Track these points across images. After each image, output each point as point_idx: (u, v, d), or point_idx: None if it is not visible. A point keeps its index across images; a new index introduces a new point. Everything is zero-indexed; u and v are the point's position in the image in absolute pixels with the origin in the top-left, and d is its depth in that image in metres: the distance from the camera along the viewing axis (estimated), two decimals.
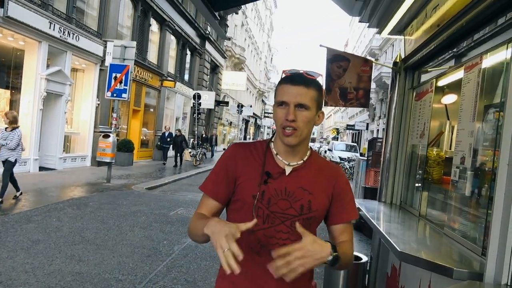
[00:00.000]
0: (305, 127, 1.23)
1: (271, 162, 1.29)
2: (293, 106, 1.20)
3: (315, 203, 1.26)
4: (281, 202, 1.24)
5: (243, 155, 1.32)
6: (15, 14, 8.41)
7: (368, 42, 34.47)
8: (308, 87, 1.22)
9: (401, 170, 3.17)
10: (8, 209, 6.09)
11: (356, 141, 36.13)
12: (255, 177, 1.26)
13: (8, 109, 9.78)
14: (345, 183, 1.36)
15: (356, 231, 6.79)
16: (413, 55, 2.91)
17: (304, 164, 1.31)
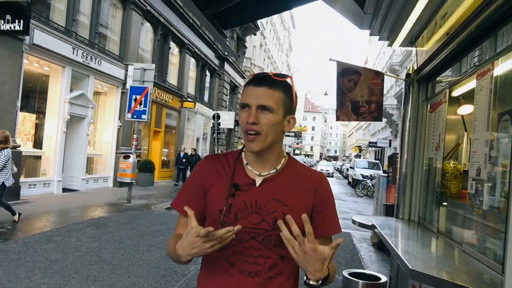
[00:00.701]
0: (269, 132, 1.12)
1: (240, 173, 1.20)
2: (255, 108, 1.11)
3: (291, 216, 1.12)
4: (251, 216, 1.14)
5: (213, 167, 1.24)
6: (40, 41, 8.79)
7: (388, 58, 34.22)
8: (273, 88, 1.12)
9: (418, 185, 3.05)
10: (31, 230, 6.21)
11: (379, 159, 35.46)
12: (223, 190, 1.17)
13: (34, 133, 10.13)
14: (327, 192, 1.23)
15: (378, 250, 6.57)
16: (425, 66, 2.83)
17: (278, 173, 1.20)
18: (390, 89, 31.32)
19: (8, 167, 6.04)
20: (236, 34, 24.61)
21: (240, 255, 1.14)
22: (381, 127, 37.80)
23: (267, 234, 1.14)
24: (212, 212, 1.18)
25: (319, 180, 1.23)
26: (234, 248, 1.14)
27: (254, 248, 1.14)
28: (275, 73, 1.17)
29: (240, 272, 1.14)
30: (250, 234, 1.14)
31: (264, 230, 1.14)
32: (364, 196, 17.13)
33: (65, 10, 10.10)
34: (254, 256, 1.14)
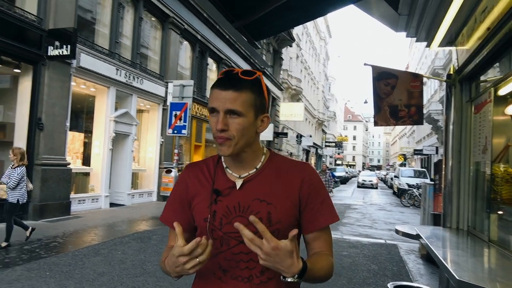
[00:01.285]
0: (240, 136, 1.08)
1: (221, 178, 1.16)
2: (222, 113, 1.06)
3: (276, 214, 1.09)
4: (236, 220, 1.08)
5: (194, 175, 1.20)
6: (86, 64, 9.31)
7: (431, 62, 33.03)
8: (239, 91, 1.06)
9: (466, 192, 2.87)
10: (80, 243, 6.48)
11: (425, 167, 34.01)
12: (206, 198, 1.14)
13: (82, 151, 10.67)
14: (314, 182, 1.15)
15: (427, 262, 6.24)
16: (467, 65, 2.69)
17: (258, 172, 1.15)
18: (434, 94, 30.14)
19: (23, 184, 6.00)
20: (272, 47, 24.82)
21: (231, 261, 1.12)
22: (426, 133, 36.34)
23: None
24: (198, 221, 1.16)
25: (303, 171, 1.16)
26: (225, 255, 1.12)
27: (243, 252, 1.10)
28: (242, 70, 1.10)
29: (234, 279, 1.11)
30: (236, 239, 1.09)
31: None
32: (410, 206, 16.43)
33: (109, 33, 10.66)
34: (244, 260, 1.11)
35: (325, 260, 1.12)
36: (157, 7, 12.31)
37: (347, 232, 9.17)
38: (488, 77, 2.74)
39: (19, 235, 6.30)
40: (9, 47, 7.55)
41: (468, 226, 2.84)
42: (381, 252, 7.01)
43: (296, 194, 1.13)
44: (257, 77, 1.11)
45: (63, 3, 8.64)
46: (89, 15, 10.36)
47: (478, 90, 2.87)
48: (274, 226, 1.09)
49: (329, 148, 52.48)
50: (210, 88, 1.12)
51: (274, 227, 1.08)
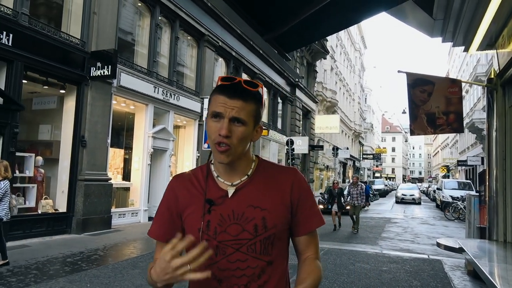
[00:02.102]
0: (239, 144, 1.10)
1: (212, 187, 1.17)
2: (228, 120, 1.08)
3: (271, 219, 1.11)
4: (231, 228, 1.11)
5: (183, 187, 1.20)
6: (126, 83, 9.71)
7: (472, 69, 31.74)
8: (246, 101, 1.10)
9: None
10: (119, 256, 6.66)
11: (470, 178, 32.39)
12: (198, 208, 1.14)
13: (123, 166, 11.05)
14: (303, 186, 1.19)
15: (474, 278, 5.86)
16: (509, 67, 2.54)
17: (250, 179, 1.16)
18: (478, 102, 28.85)
19: (6, 199, 5.46)
20: (306, 60, 24.82)
21: (226, 271, 1.11)
22: (470, 143, 34.71)
23: (250, 243, 1.10)
24: (191, 232, 1.14)
25: (292, 175, 1.19)
26: (219, 265, 1.11)
27: (240, 260, 1.10)
28: (245, 80, 1.13)
29: (230, 287, 1.11)
30: (233, 246, 1.11)
31: (246, 240, 1.11)
32: (455, 219, 15.63)
33: (147, 53, 11.10)
34: (241, 268, 1.11)
35: (316, 266, 1.16)
36: (192, 26, 12.70)
37: (386, 246, 8.83)
38: None
39: (63, 248, 6.55)
40: (56, 69, 8.03)
41: None
42: (424, 267, 6.68)
43: (288, 198, 1.16)
44: (260, 89, 1.15)
45: (105, 26, 9.11)
46: (128, 36, 10.86)
47: None
48: (270, 231, 1.11)
49: (367, 160, 51.31)
50: (213, 93, 1.14)
51: (269, 232, 1.11)
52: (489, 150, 2.95)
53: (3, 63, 7.15)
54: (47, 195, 8.52)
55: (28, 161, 8.02)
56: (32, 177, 8.14)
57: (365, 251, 8.03)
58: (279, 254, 1.15)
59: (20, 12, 7.28)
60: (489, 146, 2.97)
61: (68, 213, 8.41)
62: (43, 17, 8.52)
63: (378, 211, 19.54)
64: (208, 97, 6.35)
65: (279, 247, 1.14)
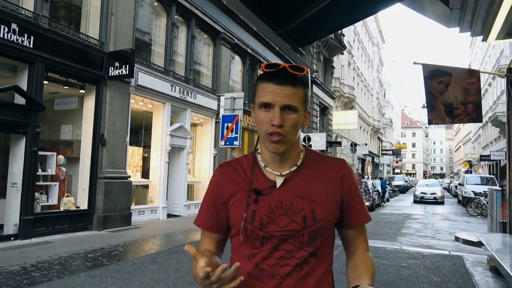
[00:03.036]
0: (292, 132, 1.07)
1: (259, 177, 1.14)
2: (279, 108, 1.04)
3: (320, 211, 1.09)
4: (279, 219, 1.09)
5: (228, 175, 1.19)
6: (143, 82, 9.85)
7: (495, 61, 30.86)
8: (295, 87, 1.06)
9: None
10: (139, 252, 6.78)
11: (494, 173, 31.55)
12: (243, 197, 1.13)
13: (141, 164, 11.21)
14: (352, 179, 1.17)
15: (497, 275, 5.72)
16: None
17: (299, 170, 1.14)
18: (501, 95, 28.03)
19: None
20: (323, 55, 24.61)
21: (270, 259, 1.09)
22: (493, 138, 33.80)
23: (298, 234, 1.09)
24: (235, 221, 1.14)
25: (343, 168, 1.17)
26: (263, 254, 1.10)
27: (285, 250, 1.09)
28: (290, 65, 1.09)
29: (272, 277, 1.09)
30: (280, 237, 1.09)
31: (295, 231, 1.09)
32: (478, 215, 15.26)
33: (164, 52, 11.22)
34: (285, 258, 1.09)
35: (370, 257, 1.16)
36: (208, 24, 12.76)
37: (406, 242, 8.70)
38: None
39: (84, 245, 6.70)
40: (75, 70, 8.21)
41: None
42: (445, 263, 6.56)
43: (338, 191, 1.13)
44: (306, 73, 1.11)
45: (122, 27, 9.26)
46: (145, 36, 11.00)
47: None
48: (319, 223, 1.09)
49: (386, 156, 50.56)
50: (259, 82, 1.10)
51: (319, 225, 1.09)
52: (510, 142, 2.88)
53: (24, 64, 7.35)
54: (69, 193, 8.74)
55: (50, 160, 8.24)
56: (54, 175, 8.36)
57: (384, 247, 7.93)
58: (324, 247, 1.13)
59: (41, 15, 7.47)
60: (509, 138, 2.89)
61: (89, 210, 8.61)
62: (62, 19, 8.72)
63: (398, 207, 19.25)
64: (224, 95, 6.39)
65: (325, 240, 1.13)
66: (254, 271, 1.11)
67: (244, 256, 1.12)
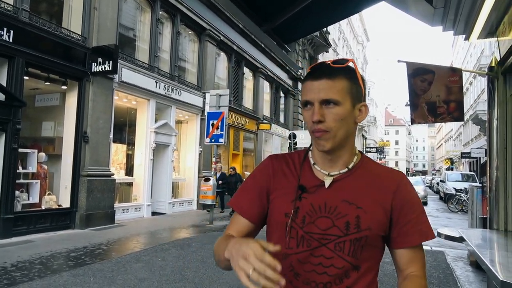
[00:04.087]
0: (339, 127, 1.01)
1: (307, 174, 1.09)
2: (318, 104, 1.00)
3: (365, 219, 1.01)
4: (320, 221, 1.02)
5: (278, 167, 1.13)
6: (127, 79, 9.71)
7: (476, 61, 31.51)
8: (333, 79, 1.01)
9: None
10: (123, 250, 6.70)
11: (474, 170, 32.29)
12: (289, 192, 1.07)
13: (125, 161, 11.07)
14: (410, 193, 1.07)
15: (477, 269, 5.87)
16: (510, 55, 2.52)
17: (350, 173, 1.07)
18: (482, 94, 28.67)
19: None
20: (308, 53, 24.70)
21: (307, 264, 1.02)
22: (474, 135, 34.57)
23: (339, 241, 1.01)
24: (276, 216, 1.08)
25: (399, 179, 1.08)
26: (299, 256, 1.03)
27: (324, 256, 1.01)
28: (334, 60, 1.05)
29: (307, 284, 1.02)
30: (319, 241, 1.02)
31: (335, 236, 1.01)
32: (458, 211, 15.61)
33: (148, 48, 11.08)
34: (324, 265, 1.01)
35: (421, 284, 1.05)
36: (193, 21, 12.65)
37: None
38: None
39: (67, 243, 6.59)
40: (57, 65, 8.03)
41: None
42: (427, 259, 6.62)
43: (389, 203, 1.05)
44: (351, 64, 1.06)
45: (105, 22, 9.09)
46: (129, 32, 10.84)
47: None
48: (363, 232, 1.01)
49: (370, 153, 51.17)
50: (303, 82, 1.08)
51: (362, 234, 1.01)
52: (490, 139, 2.94)
53: (4, 59, 7.16)
54: (51, 191, 8.58)
55: (31, 157, 8.06)
56: (35, 173, 8.18)
57: None
58: (368, 262, 1.05)
59: (21, 9, 7.28)
60: (490, 136, 2.95)
61: (71, 209, 8.46)
62: (43, 13, 8.52)
63: None
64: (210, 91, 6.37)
65: (370, 253, 1.04)
66: (288, 274, 1.03)
67: (279, 255, 0.99)
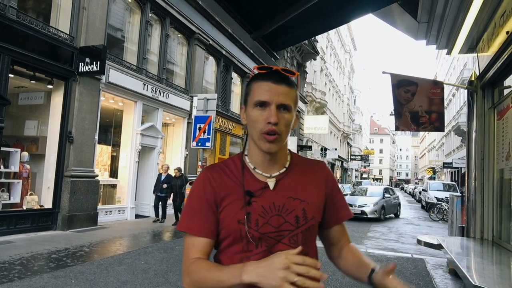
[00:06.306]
0: (286, 132, 1.10)
1: (250, 179, 1.14)
2: (275, 107, 1.06)
3: (310, 210, 1.13)
4: (273, 220, 1.09)
5: (218, 177, 1.16)
6: (115, 80, 9.65)
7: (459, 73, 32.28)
8: (290, 87, 1.09)
9: (490, 200, 2.78)
10: (105, 253, 6.63)
11: (456, 180, 32.94)
12: (236, 199, 1.11)
13: (110, 163, 10.96)
14: (334, 179, 1.25)
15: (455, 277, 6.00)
16: (488, 70, 2.64)
17: (287, 171, 1.17)
18: (464, 105, 29.33)
19: None
20: (296, 60, 24.93)
21: None
22: (456, 146, 35.30)
23: (292, 234, 1.10)
24: (228, 224, 1.10)
25: (324, 169, 1.24)
26: (258, 256, 1.08)
27: (281, 251, 1.06)
28: (282, 68, 1.12)
29: None
30: (275, 238, 1.09)
31: (288, 231, 1.10)
32: (439, 220, 15.89)
33: (136, 50, 11.04)
34: None
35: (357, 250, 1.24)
36: (183, 24, 12.67)
37: (371, 245, 8.96)
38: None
39: (48, 245, 6.49)
40: (43, 64, 7.94)
41: (493, 236, 2.74)
42: (407, 266, 6.81)
43: (323, 190, 1.19)
44: (297, 76, 1.15)
45: (94, 22, 9.04)
46: (118, 33, 10.78)
47: (501, 96, 2.80)
48: (309, 222, 1.12)
49: (355, 161, 51.72)
50: (253, 81, 1.11)
51: (309, 223, 1.12)
52: (469, 150, 3.05)
53: None
54: (33, 191, 8.44)
55: (14, 156, 7.93)
56: (18, 172, 8.04)
57: None
58: (313, 246, 1.17)
59: (8, 5, 7.19)
60: (469, 147, 3.06)
61: (53, 210, 8.34)
62: (31, 11, 8.42)
63: None
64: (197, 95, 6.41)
65: (313, 239, 1.18)
66: None
67: (236, 259, 1.09)
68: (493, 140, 2.81)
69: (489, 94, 2.89)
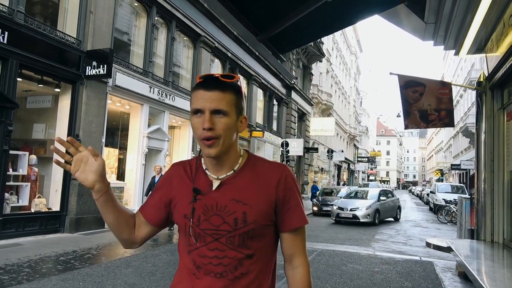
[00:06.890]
0: (226, 135, 1.13)
1: (201, 178, 1.22)
2: (209, 113, 1.10)
3: (251, 214, 1.14)
4: (213, 218, 1.15)
5: (178, 174, 1.26)
6: (121, 83, 9.70)
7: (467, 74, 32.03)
8: (224, 91, 1.12)
9: (500, 202, 2.74)
10: (113, 255, 6.66)
11: (464, 182, 32.64)
12: (187, 195, 1.20)
13: (117, 166, 11.02)
14: (290, 184, 1.21)
15: (465, 280, 5.93)
16: (498, 71, 2.60)
17: (236, 174, 1.20)
18: (472, 107, 29.07)
19: None
20: (302, 62, 24.92)
21: (205, 258, 1.15)
22: (464, 148, 35.00)
23: (229, 235, 1.14)
24: (177, 218, 1.22)
25: (280, 172, 1.21)
26: (199, 251, 1.16)
27: (218, 249, 1.15)
28: (222, 74, 1.16)
29: (207, 274, 1.15)
30: (213, 236, 1.15)
31: (226, 232, 1.14)
32: (448, 222, 15.74)
33: (143, 53, 11.10)
34: (219, 257, 1.15)
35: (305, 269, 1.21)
36: (189, 27, 12.72)
37: (379, 248, 8.89)
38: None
39: (56, 247, 6.52)
40: (51, 68, 8.02)
41: (504, 239, 2.70)
42: (416, 269, 6.74)
43: (273, 195, 1.18)
44: (237, 80, 1.17)
45: (101, 26, 9.11)
46: (125, 36, 10.86)
47: (511, 97, 2.77)
48: (249, 226, 1.14)
49: (362, 163, 51.51)
50: (192, 91, 1.16)
51: (249, 227, 1.14)
52: (478, 152, 3.01)
53: None
54: (41, 194, 8.50)
55: (22, 159, 7.99)
56: (26, 175, 8.11)
57: (357, 252, 8.08)
58: (261, 249, 1.17)
59: (16, 10, 7.27)
60: (478, 149, 3.02)
61: (61, 212, 8.39)
62: (39, 15, 8.51)
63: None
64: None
65: (262, 242, 1.17)
66: (192, 268, 1.17)
67: (184, 252, 1.19)
68: (502, 142, 2.77)
69: (498, 95, 2.86)
